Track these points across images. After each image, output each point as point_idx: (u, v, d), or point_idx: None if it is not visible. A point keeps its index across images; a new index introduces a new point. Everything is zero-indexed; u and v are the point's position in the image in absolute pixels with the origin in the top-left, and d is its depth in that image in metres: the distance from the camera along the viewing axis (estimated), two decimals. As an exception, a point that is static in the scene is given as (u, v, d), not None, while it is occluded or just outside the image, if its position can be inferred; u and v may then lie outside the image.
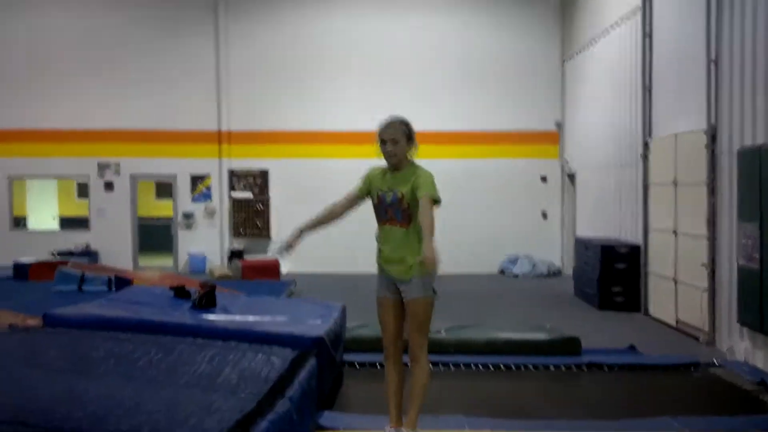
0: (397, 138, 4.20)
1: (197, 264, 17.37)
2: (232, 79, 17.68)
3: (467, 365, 7.80)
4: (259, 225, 17.74)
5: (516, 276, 16.86)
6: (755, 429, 5.65)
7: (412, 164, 4.31)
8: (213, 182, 17.96)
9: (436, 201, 4.26)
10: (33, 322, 6.56)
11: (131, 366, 4.74)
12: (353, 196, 4.52)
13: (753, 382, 7.20)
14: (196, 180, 17.97)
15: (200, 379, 4.61)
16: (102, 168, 17.90)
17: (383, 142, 4.27)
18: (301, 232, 4.44)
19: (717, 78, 9.28)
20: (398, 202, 4.22)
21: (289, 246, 4.49)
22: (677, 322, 10.38)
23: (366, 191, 4.43)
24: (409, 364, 4.50)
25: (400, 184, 4.22)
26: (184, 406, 3.99)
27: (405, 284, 4.19)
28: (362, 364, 7.76)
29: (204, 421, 3.71)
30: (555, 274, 17.04)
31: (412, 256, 4.22)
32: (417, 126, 15.23)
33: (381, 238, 4.33)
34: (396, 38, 17.77)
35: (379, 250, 4.38)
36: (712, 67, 9.35)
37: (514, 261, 17.30)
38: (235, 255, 17.23)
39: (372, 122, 18.23)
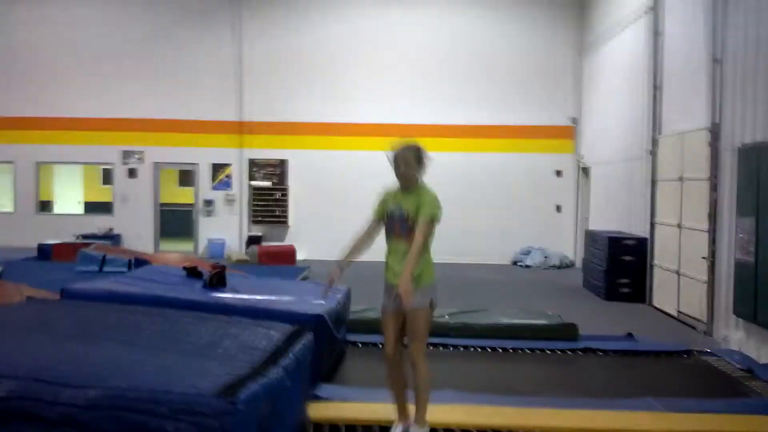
0: (409, 161, 4.52)
1: (216, 249, 17.80)
2: (254, 71, 18.06)
3: (467, 347, 8.08)
4: (278, 213, 18.12)
5: (528, 267, 17.09)
6: (730, 411, 5.87)
7: (422, 186, 4.62)
8: (233, 171, 18.36)
9: (433, 220, 4.54)
10: (51, 297, 6.95)
11: (136, 335, 5.06)
12: (374, 221, 4.82)
13: (741, 369, 7.41)
14: (217, 168, 18.38)
15: (200, 349, 4.90)
16: (126, 156, 18.39)
17: (396, 164, 4.58)
18: (341, 268, 4.73)
19: (721, 77, 9.46)
20: (405, 219, 4.50)
21: (332, 282, 4.78)
22: (678, 312, 10.60)
23: (382, 213, 4.75)
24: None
25: (408, 203, 4.53)
26: (182, 370, 4.30)
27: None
28: (365, 344, 8.06)
29: (198, 382, 4.01)
30: (567, 266, 17.24)
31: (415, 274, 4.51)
32: (433, 119, 15.60)
33: (388, 252, 4.64)
34: (414, 32, 18.03)
35: (386, 263, 4.67)
36: (716, 66, 9.53)
37: (527, 252, 17.52)
38: (253, 241, 17.64)
39: (389, 115, 18.61)
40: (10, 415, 3.76)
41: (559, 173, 18.03)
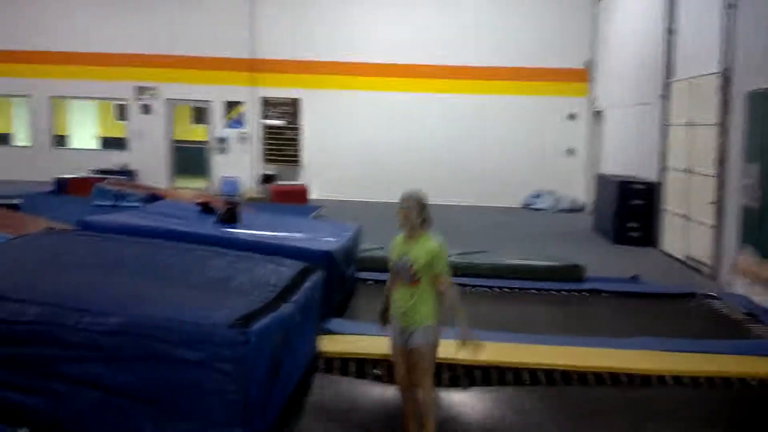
0: (411, 210, 4.62)
1: (230, 187, 17.96)
2: (267, 8, 17.92)
3: (474, 287, 8.24)
4: (291, 152, 18.20)
5: (538, 210, 17.18)
6: (731, 352, 6.03)
7: (425, 235, 4.72)
8: (246, 109, 18.39)
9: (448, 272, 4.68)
10: (69, 229, 7.12)
11: (152, 267, 5.21)
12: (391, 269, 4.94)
13: (743, 312, 7.55)
14: (230, 106, 18.42)
15: (214, 282, 5.05)
16: (140, 92, 18.43)
17: (400, 214, 4.69)
18: (384, 313, 4.84)
19: (734, 22, 9.37)
20: (408, 268, 4.62)
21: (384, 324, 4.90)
22: (686, 256, 10.72)
23: (393, 259, 4.87)
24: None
25: (412, 251, 4.62)
26: (197, 301, 4.46)
27: (410, 334, 4.63)
28: (375, 281, 8.23)
29: (213, 313, 4.17)
30: (578, 209, 17.32)
31: (412, 308, 4.63)
32: (447, 60, 15.47)
33: (394, 296, 4.75)
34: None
35: (394, 308, 4.79)
36: (730, 11, 9.44)
37: (537, 196, 17.60)
38: (267, 179, 17.78)
39: (403, 56, 18.48)
40: (36, 338, 3.94)
41: (572, 116, 17.97)
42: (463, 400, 5.19)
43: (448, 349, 5.69)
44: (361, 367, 5.56)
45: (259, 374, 3.98)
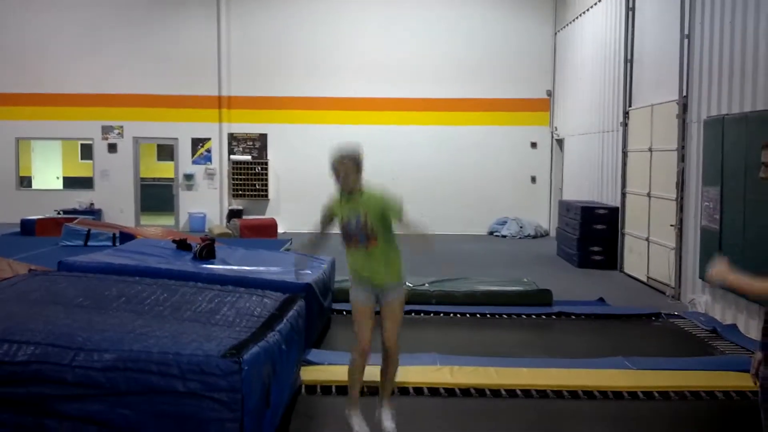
0: (348, 170, 4.66)
1: (197, 223, 17.99)
2: (232, 46, 18.15)
3: (447, 314, 8.46)
4: (258, 186, 18.34)
5: (504, 237, 17.51)
6: (697, 368, 6.30)
7: (367, 188, 4.75)
8: (213, 145, 18.50)
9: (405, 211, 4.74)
10: (48, 270, 7.18)
11: (140, 304, 5.33)
12: (323, 223, 4.97)
13: (706, 330, 7.87)
14: (197, 143, 18.52)
15: (201, 316, 5.18)
16: (106, 130, 18.45)
17: (336, 173, 4.68)
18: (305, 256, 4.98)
19: (689, 52, 9.82)
20: (362, 226, 4.62)
21: (301, 270, 5.01)
22: (648, 278, 11.07)
23: (330, 217, 4.92)
24: (385, 354, 4.94)
25: (360, 208, 4.64)
26: (188, 334, 4.60)
27: (384, 290, 4.70)
28: (349, 311, 8.37)
29: (204, 345, 4.31)
30: (542, 235, 17.68)
31: (385, 267, 4.69)
32: (411, 93, 15.79)
33: (351, 260, 4.76)
34: (392, 11, 18.19)
35: (353, 269, 4.81)
36: (686, 41, 9.89)
37: (502, 223, 17.93)
38: (234, 215, 17.86)
39: (366, 90, 18.69)
40: (31, 378, 4.04)
41: (534, 145, 18.41)
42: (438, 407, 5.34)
43: (430, 375, 5.91)
44: (342, 394, 5.68)
45: (252, 402, 4.12)
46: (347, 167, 4.62)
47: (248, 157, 18.38)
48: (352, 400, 4.92)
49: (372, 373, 5.06)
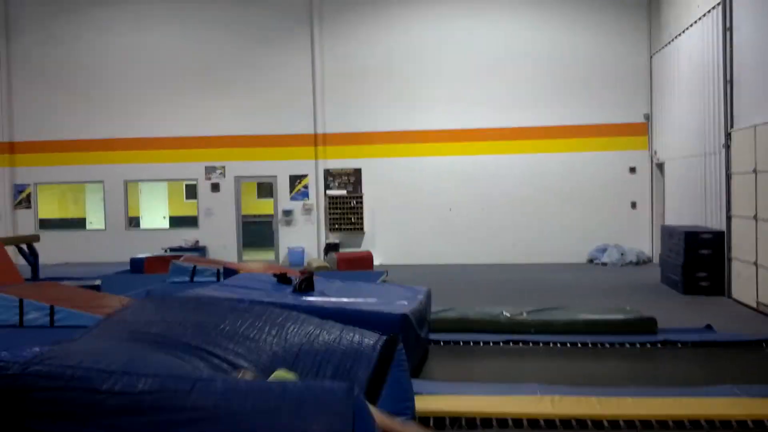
0: None
1: (296, 257, 18.43)
2: (327, 86, 18.68)
3: (546, 343, 8.36)
4: (353, 220, 18.66)
5: (604, 264, 17.15)
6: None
7: None
8: (310, 181, 18.99)
9: None
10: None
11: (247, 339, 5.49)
12: None
13: (822, 357, 7.50)
14: (294, 179, 19.04)
15: (315, 363, 5.29)
16: (209, 171, 19.22)
17: None
18: None
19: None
20: None
21: None
22: (758, 303, 10.63)
23: None
24: None
25: None
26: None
27: None
28: (446, 342, 8.43)
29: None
30: (644, 262, 17.23)
31: None
32: (506, 122, 15.99)
33: None
34: (482, 38, 18.33)
35: None
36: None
37: (602, 250, 17.59)
38: (331, 248, 18.21)
39: (460, 121, 18.99)
40: (150, 408, 4.26)
41: (633, 170, 18.03)
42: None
43: (531, 406, 5.87)
44: (441, 424, 5.69)
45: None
46: None
47: (344, 192, 18.74)
48: None
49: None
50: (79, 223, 22.04)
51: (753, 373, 7.08)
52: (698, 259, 12.41)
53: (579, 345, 8.31)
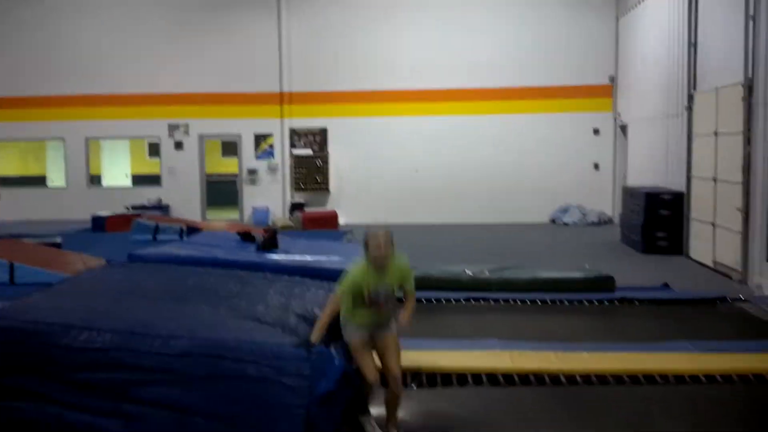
0: (389, 251, 4.82)
1: (261, 216, 18.36)
2: (293, 43, 18.46)
3: (507, 301, 8.49)
4: (319, 180, 18.61)
5: (566, 225, 17.37)
6: (762, 351, 6.21)
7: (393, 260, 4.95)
8: (275, 140, 18.84)
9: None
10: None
11: (213, 295, 5.48)
12: (347, 299, 4.97)
13: (773, 314, 7.73)
14: (259, 138, 18.89)
15: (273, 309, 5.27)
16: (172, 129, 18.98)
17: (376, 251, 4.77)
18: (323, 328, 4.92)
19: (755, 33, 9.61)
20: (388, 294, 4.84)
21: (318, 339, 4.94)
22: (714, 263, 10.88)
23: (358, 290, 4.94)
24: (390, 385, 4.96)
25: (386, 279, 4.83)
26: (261, 324, 4.77)
27: (386, 327, 4.87)
28: (419, 300, 8.48)
29: (276, 335, 4.46)
30: (605, 222, 17.47)
31: (387, 318, 4.90)
32: (470, 83, 15.91)
33: (359, 315, 4.81)
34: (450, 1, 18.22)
35: (359, 322, 4.81)
36: (750, 23, 9.67)
37: (564, 211, 17.79)
38: (296, 207, 18.18)
39: (425, 81, 18.80)
40: (109, 364, 4.27)
41: (596, 131, 18.18)
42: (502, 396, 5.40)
43: (490, 360, 5.98)
44: (402, 379, 5.77)
45: (320, 390, 4.26)
46: (388, 249, 4.79)
47: (309, 151, 18.64)
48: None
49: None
50: (40, 181, 21.67)
51: (707, 329, 7.27)
52: (658, 219, 12.63)
53: (539, 302, 8.45)
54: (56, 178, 20.85)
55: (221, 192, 20.02)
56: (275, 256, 7.72)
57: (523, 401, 5.42)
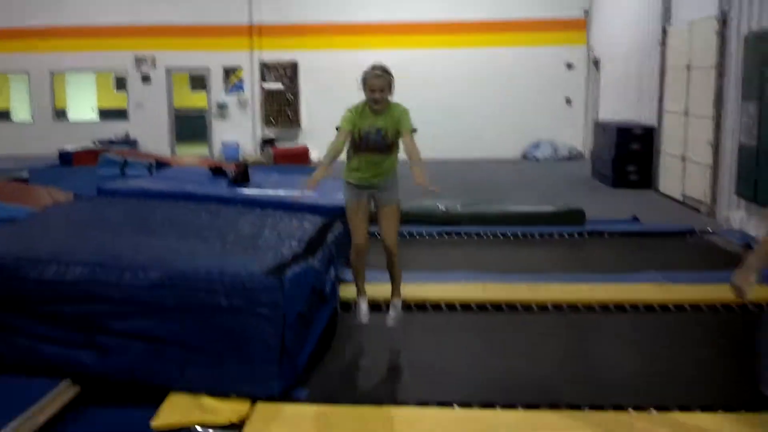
0: (384, 88, 4.76)
1: (231, 152, 18.14)
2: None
3: (479, 235, 8.54)
4: (290, 115, 18.38)
5: (537, 160, 17.42)
6: (729, 281, 6.31)
7: (389, 103, 4.90)
8: (245, 74, 18.51)
9: (414, 131, 4.89)
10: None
11: (184, 227, 5.45)
12: (345, 135, 4.94)
13: (740, 245, 7.85)
14: (228, 72, 18.54)
15: (244, 238, 5.28)
16: (139, 61, 18.54)
17: (372, 90, 4.75)
18: (325, 169, 4.86)
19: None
20: (382, 137, 4.79)
21: (316, 183, 4.86)
22: (683, 196, 11.01)
23: (352, 130, 4.93)
24: (386, 255, 5.14)
25: (381, 121, 4.77)
26: (231, 255, 4.73)
27: (380, 189, 4.82)
28: (378, 234, 8.49)
29: (248, 264, 4.42)
30: (577, 157, 17.55)
31: (385, 171, 4.83)
32: (442, 16, 15.62)
33: (355, 163, 4.84)
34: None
35: (358, 174, 4.90)
36: (725, -48, 9.59)
37: (536, 146, 17.81)
38: (266, 143, 17.99)
39: (396, 13, 18.42)
40: (80, 297, 4.22)
41: (570, 66, 18.08)
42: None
43: (460, 292, 6.03)
44: (378, 309, 5.80)
45: (293, 318, 4.27)
46: (383, 85, 4.73)
47: (280, 85, 18.36)
48: (359, 290, 5.29)
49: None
50: (4, 115, 21.15)
51: (676, 261, 7.38)
52: (628, 153, 12.69)
53: (510, 236, 8.51)
54: (21, 112, 20.37)
55: (190, 127, 19.67)
56: (247, 190, 7.67)
57: (495, 326, 5.51)
